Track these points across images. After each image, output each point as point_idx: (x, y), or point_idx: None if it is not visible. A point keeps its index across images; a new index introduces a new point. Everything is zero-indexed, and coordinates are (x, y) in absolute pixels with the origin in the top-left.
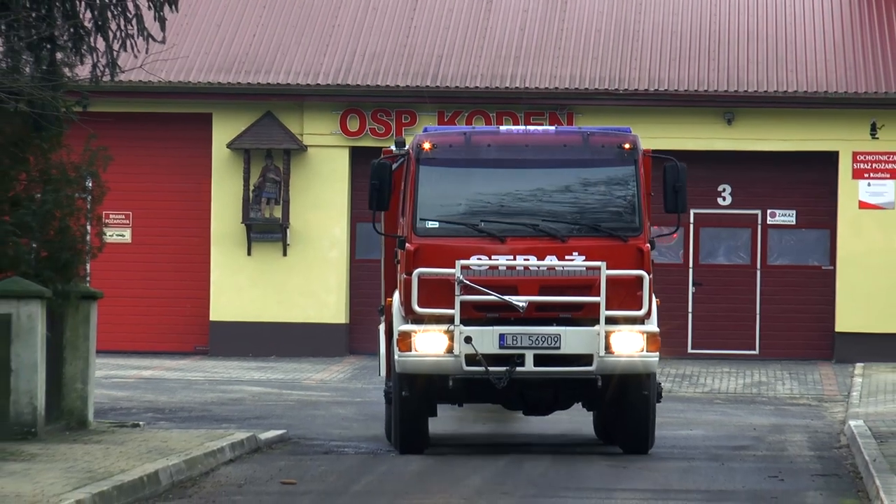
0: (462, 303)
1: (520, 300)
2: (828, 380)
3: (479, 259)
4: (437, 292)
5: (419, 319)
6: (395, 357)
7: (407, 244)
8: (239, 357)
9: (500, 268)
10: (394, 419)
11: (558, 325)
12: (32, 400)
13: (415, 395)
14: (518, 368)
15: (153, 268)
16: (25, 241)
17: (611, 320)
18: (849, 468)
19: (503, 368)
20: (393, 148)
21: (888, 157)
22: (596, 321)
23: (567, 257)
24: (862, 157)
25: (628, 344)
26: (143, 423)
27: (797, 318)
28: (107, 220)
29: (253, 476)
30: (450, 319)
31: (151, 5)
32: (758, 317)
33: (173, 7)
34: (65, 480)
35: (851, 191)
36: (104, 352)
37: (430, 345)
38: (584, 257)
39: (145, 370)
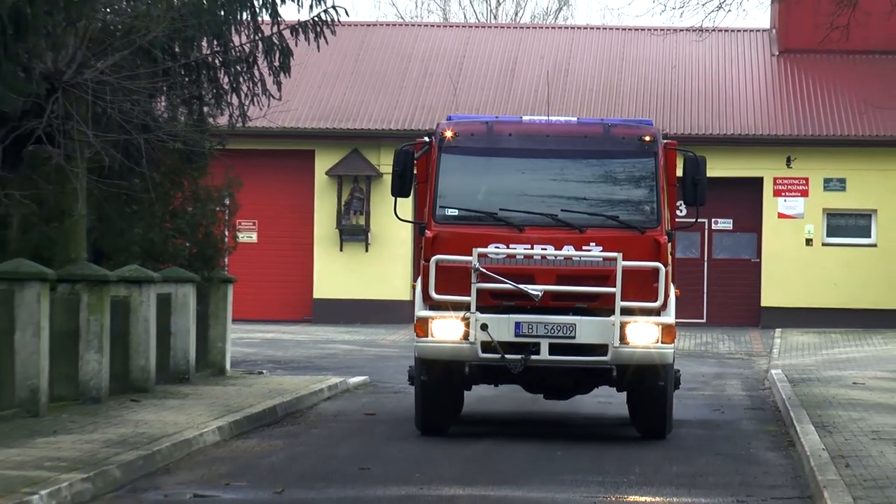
0: (479, 290)
1: (535, 289)
2: (755, 341)
3: (497, 247)
4: (455, 279)
5: (437, 306)
6: (414, 342)
7: (426, 231)
8: (334, 324)
9: (517, 256)
10: (415, 401)
11: (574, 314)
12: (186, 354)
13: (433, 379)
14: (533, 357)
15: (273, 260)
16: (181, 241)
17: (627, 311)
18: (771, 404)
19: (518, 356)
20: (426, 139)
21: (799, 182)
22: (612, 312)
23: (584, 248)
24: (780, 181)
25: (643, 335)
26: (265, 371)
27: (733, 296)
28: (239, 227)
29: (343, 409)
30: (467, 306)
31: (271, 73)
32: (705, 295)
33: (286, 74)
34: (209, 413)
35: (772, 205)
36: (238, 320)
37: (447, 331)
38: (601, 248)
39: (267, 333)
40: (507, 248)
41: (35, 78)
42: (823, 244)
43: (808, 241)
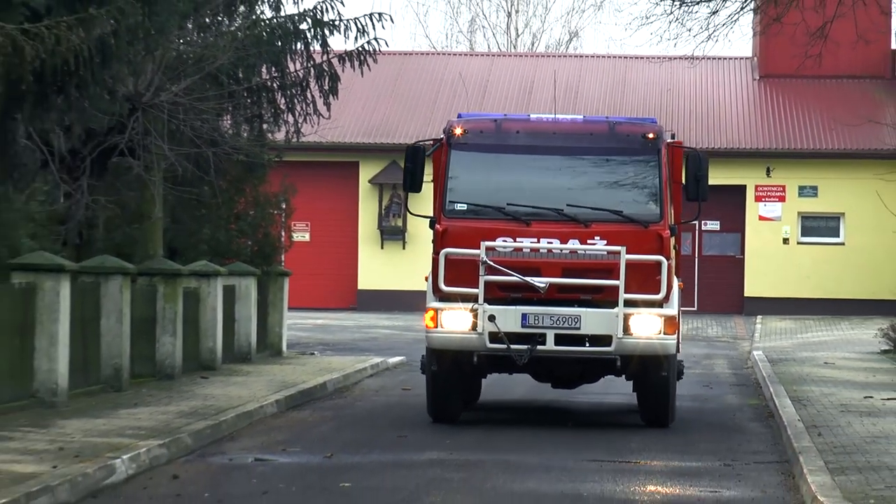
0: (486, 283)
1: (540, 281)
2: (739, 326)
3: (505, 241)
4: (463, 272)
5: (446, 297)
6: (425, 333)
7: (436, 225)
8: (375, 311)
9: (524, 250)
10: (426, 390)
11: (579, 306)
12: (248, 338)
13: (443, 368)
14: (539, 347)
15: (323, 256)
16: (244, 240)
17: (630, 303)
18: (753, 380)
19: (524, 347)
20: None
21: (777, 189)
22: (616, 304)
23: (589, 241)
24: (760, 188)
25: (646, 326)
26: (316, 352)
27: (720, 287)
28: (294, 228)
29: (384, 385)
30: (475, 298)
31: (321, 95)
32: (696, 286)
33: (334, 96)
34: (267, 388)
35: (754, 209)
36: (292, 308)
37: (456, 322)
38: (605, 242)
39: (317, 319)
40: (515, 241)
41: (118, 100)
42: (798, 243)
43: (785, 241)
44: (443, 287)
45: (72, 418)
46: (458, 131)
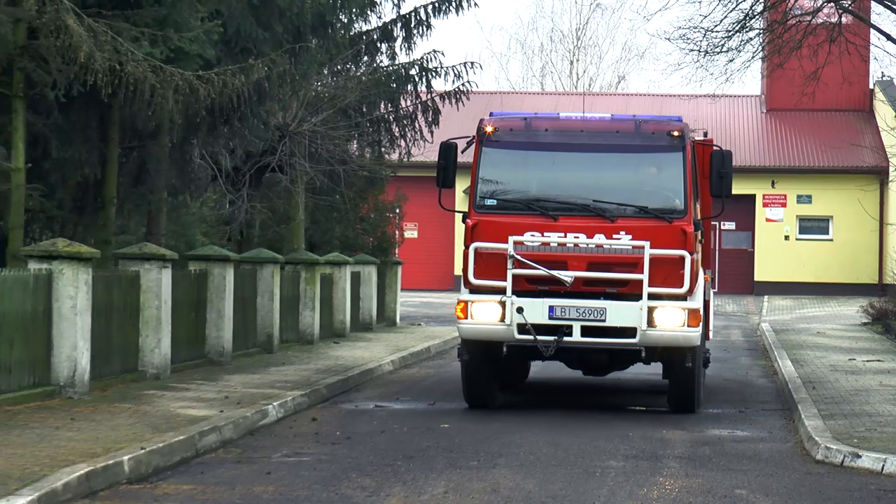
0: (514, 276)
1: (566, 275)
2: (750, 304)
3: (533, 235)
4: (492, 265)
5: (476, 290)
6: (456, 323)
7: (467, 219)
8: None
9: (551, 244)
10: (461, 378)
11: (605, 299)
12: (370, 312)
13: (475, 359)
14: (566, 338)
15: (428, 249)
16: (367, 237)
17: (654, 296)
18: (761, 346)
19: (551, 338)
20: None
21: (780, 197)
22: (640, 297)
23: (615, 236)
24: (767, 198)
25: (670, 319)
26: (422, 323)
27: (736, 274)
28: (405, 227)
29: None
30: (503, 291)
31: (426, 125)
32: (717, 273)
33: (436, 125)
34: (385, 350)
35: (761, 213)
36: (404, 289)
37: (485, 314)
38: (630, 236)
39: (423, 298)
40: (542, 235)
41: (271, 129)
42: (796, 239)
43: (786, 237)
44: (472, 280)
45: (234, 374)
46: (489, 129)
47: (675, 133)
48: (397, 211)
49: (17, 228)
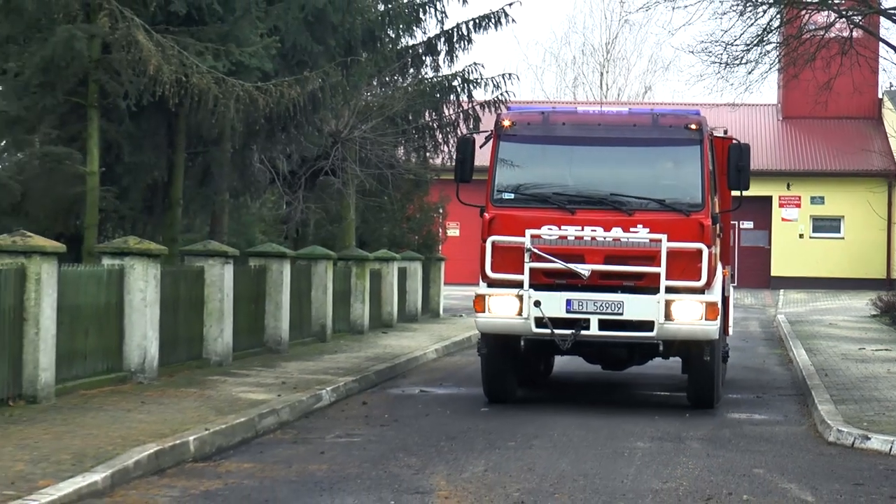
0: (532, 269)
1: (583, 268)
2: (767, 297)
3: (550, 229)
4: (509, 259)
5: (494, 283)
6: (474, 317)
7: (485, 213)
8: None
9: (568, 237)
10: (481, 371)
11: (622, 292)
12: (415, 304)
13: (493, 352)
14: (583, 332)
15: (470, 246)
16: (412, 236)
17: (672, 290)
18: (777, 336)
19: (568, 332)
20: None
21: (794, 198)
22: (657, 290)
23: (632, 229)
24: (782, 199)
25: (688, 312)
26: (464, 315)
27: (754, 269)
28: (448, 226)
29: None
30: (520, 284)
31: (468, 132)
32: (736, 268)
33: (477, 133)
34: (429, 340)
35: (777, 213)
36: (447, 284)
37: (503, 307)
38: (647, 230)
39: (465, 292)
40: (559, 229)
41: (324, 136)
42: (810, 237)
43: (801, 236)
44: (490, 273)
45: (290, 361)
46: (506, 123)
47: (693, 126)
48: (440, 211)
49: (92, 227)
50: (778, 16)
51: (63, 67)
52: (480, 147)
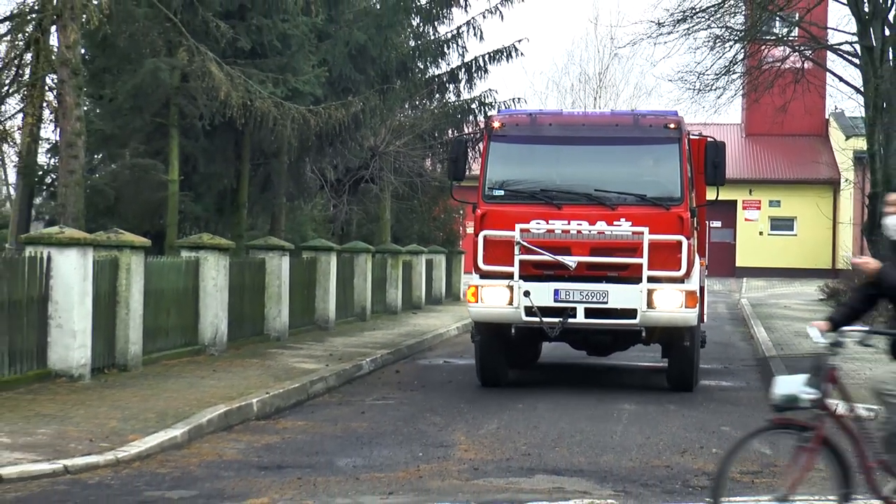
0: (521, 261)
1: (570, 260)
2: (733, 284)
3: (538, 223)
4: (500, 252)
5: (486, 275)
6: (468, 307)
7: (477, 209)
8: None
9: (555, 231)
10: (475, 357)
11: (607, 282)
12: (440, 290)
13: (486, 339)
14: (570, 320)
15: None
16: (438, 233)
17: (653, 279)
18: (741, 317)
19: (557, 320)
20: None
21: (756, 202)
22: (640, 280)
23: (615, 223)
24: (745, 202)
25: (669, 300)
26: None
27: (721, 261)
28: (468, 224)
29: None
30: (511, 276)
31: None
32: (706, 258)
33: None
34: (451, 319)
35: (741, 214)
36: (467, 273)
37: (494, 297)
38: (630, 223)
39: None
40: (547, 223)
41: (365, 150)
42: (769, 234)
43: (761, 233)
44: (482, 265)
45: (336, 337)
46: (496, 125)
47: (672, 125)
48: (461, 212)
49: (173, 226)
50: (742, 50)
51: (149, 94)
52: (473, 148)
